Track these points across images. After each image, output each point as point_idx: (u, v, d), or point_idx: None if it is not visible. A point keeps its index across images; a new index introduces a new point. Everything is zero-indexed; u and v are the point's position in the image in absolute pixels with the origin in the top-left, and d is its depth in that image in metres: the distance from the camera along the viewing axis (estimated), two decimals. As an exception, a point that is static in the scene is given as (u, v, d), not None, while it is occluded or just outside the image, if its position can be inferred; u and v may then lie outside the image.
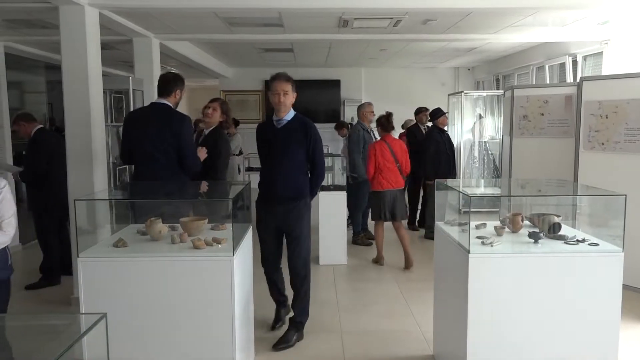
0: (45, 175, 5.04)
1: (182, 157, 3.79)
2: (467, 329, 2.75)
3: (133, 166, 4.10)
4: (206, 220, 3.18)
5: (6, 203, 2.67)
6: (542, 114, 5.85)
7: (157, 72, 6.36)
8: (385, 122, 5.62)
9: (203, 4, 4.64)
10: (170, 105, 3.87)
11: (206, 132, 4.45)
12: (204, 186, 3.98)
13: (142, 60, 6.17)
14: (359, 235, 6.69)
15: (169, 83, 3.86)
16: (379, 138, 5.80)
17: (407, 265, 5.61)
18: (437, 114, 6.89)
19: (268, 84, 3.80)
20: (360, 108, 6.56)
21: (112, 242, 2.91)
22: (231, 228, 2.86)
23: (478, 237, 2.98)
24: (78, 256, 2.69)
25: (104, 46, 4.78)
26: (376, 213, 5.64)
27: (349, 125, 8.08)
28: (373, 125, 6.27)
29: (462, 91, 8.97)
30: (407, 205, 7.47)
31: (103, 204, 3.40)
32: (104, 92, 4.98)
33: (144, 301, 2.67)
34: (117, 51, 7.46)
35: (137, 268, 2.68)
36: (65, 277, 5.16)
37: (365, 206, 6.61)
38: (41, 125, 5.23)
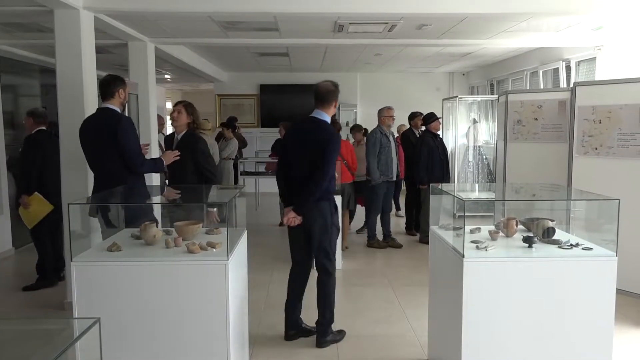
0: (38, 177, 5.02)
1: (124, 159, 3.71)
2: (461, 333, 2.75)
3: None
4: (201, 225, 3.17)
5: None
6: (536, 119, 5.89)
7: (152, 76, 6.35)
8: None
9: (199, 8, 4.64)
10: (114, 107, 3.82)
11: (178, 137, 4.31)
12: (171, 194, 3.92)
13: (137, 64, 6.16)
14: (373, 238, 6.72)
15: (109, 85, 3.83)
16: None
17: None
18: (430, 118, 6.92)
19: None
20: (380, 112, 6.52)
21: (106, 246, 2.89)
22: (226, 232, 2.85)
23: (472, 242, 2.99)
24: (72, 260, 2.68)
25: (99, 50, 4.77)
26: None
27: (365, 130, 7.91)
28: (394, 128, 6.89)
29: (457, 96, 9.01)
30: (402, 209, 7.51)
31: (97, 208, 3.39)
32: (99, 96, 4.96)
33: (138, 305, 2.66)
34: (112, 55, 7.45)
35: (132, 272, 2.67)
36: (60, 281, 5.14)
37: (380, 210, 6.65)
38: (44, 127, 5.21)
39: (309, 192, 3.53)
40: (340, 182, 6.38)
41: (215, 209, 3.85)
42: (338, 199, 4.42)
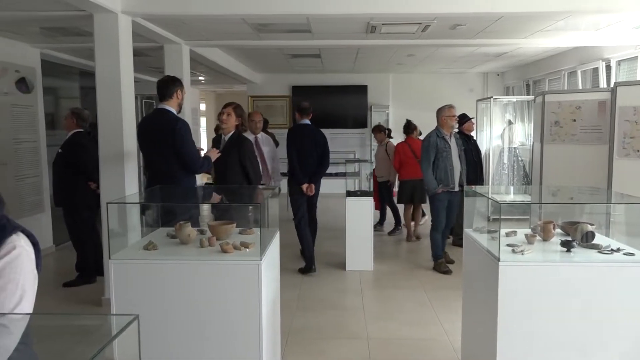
0: (73, 177, 5.16)
1: (183, 160, 3.85)
2: (496, 338, 2.70)
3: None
4: (234, 225, 3.20)
5: (6, 282, 1.41)
6: (575, 120, 5.74)
7: (187, 78, 6.46)
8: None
9: (233, 11, 4.69)
10: (170, 109, 3.91)
11: (225, 138, 4.41)
12: (216, 198, 3.99)
13: (173, 67, 6.27)
14: (438, 260, 5.79)
15: (167, 86, 3.92)
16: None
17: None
18: (463, 119, 6.82)
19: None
20: (439, 112, 5.69)
21: (142, 244, 2.95)
22: (259, 233, 2.87)
23: (508, 245, 2.93)
24: (110, 258, 2.74)
25: (136, 53, 4.87)
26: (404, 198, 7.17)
27: (387, 131, 7.94)
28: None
29: (491, 97, 8.85)
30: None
31: (134, 207, 3.46)
32: (136, 98, 5.08)
33: (172, 303, 2.70)
34: (148, 57, 7.61)
35: (167, 271, 2.72)
36: (100, 277, 5.28)
37: (444, 225, 5.75)
38: (81, 130, 5.35)
39: (322, 174, 5.69)
40: (400, 178, 7.20)
41: (222, 195, 3.97)
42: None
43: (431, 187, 5.57)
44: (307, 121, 5.84)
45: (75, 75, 7.95)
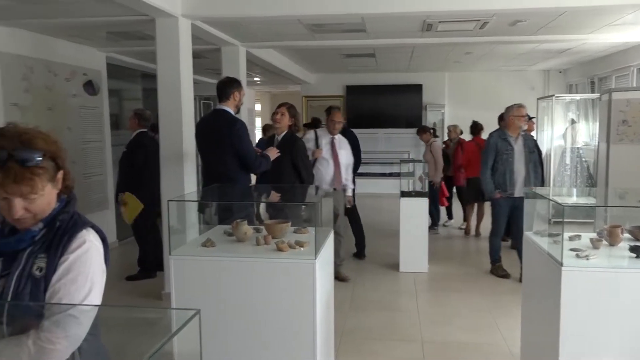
0: (138, 175, 5.36)
1: (242, 160, 3.92)
2: (559, 346, 2.59)
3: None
4: (289, 224, 3.23)
5: (77, 275, 1.49)
6: (644, 119, 5.43)
7: (243, 79, 6.58)
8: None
9: (289, 12, 4.75)
10: (228, 109, 3.98)
11: (278, 138, 4.47)
12: (273, 197, 4.05)
13: (230, 68, 6.40)
14: (496, 263, 5.58)
15: (225, 87, 3.99)
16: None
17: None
18: None
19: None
20: (508, 111, 5.30)
21: (200, 241, 3.03)
22: (314, 232, 2.89)
23: (572, 250, 2.81)
24: (170, 254, 2.83)
25: (195, 55, 5.02)
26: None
27: (432, 131, 7.90)
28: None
29: (553, 95, 8.51)
30: None
31: (193, 205, 3.56)
32: (194, 99, 5.22)
33: (229, 300, 2.76)
34: (206, 59, 7.80)
35: (224, 267, 2.78)
36: (160, 272, 5.46)
37: (502, 231, 5.50)
38: (145, 130, 5.57)
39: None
40: (466, 176, 7.46)
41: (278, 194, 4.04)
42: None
43: (487, 190, 5.31)
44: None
45: (138, 78, 8.28)
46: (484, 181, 5.34)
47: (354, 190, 5.81)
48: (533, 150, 5.37)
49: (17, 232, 1.52)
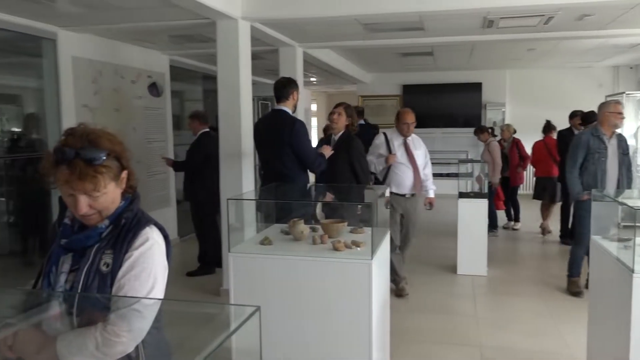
0: (200, 174, 5.52)
1: (301, 159, 3.95)
2: (629, 355, 2.46)
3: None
4: (346, 223, 3.23)
5: (140, 271, 1.54)
6: None
7: (300, 79, 6.64)
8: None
9: (346, 12, 4.74)
10: (286, 109, 4.01)
11: (335, 137, 4.46)
12: (328, 197, 4.05)
13: (287, 68, 6.48)
14: (572, 278, 5.02)
15: (284, 87, 4.02)
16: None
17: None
18: (591, 117, 6.27)
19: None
20: (603, 107, 4.80)
21: (258, 239, 3.09)
22: (370, 232, 2.88)
23: (644, 255, 2.66)
24: (229, 251, 2.89)
25: (253, 56, 5.11)
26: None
27: (490, 130, 7.70)
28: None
29: (624, 92, 8.09)
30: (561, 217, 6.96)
31: (251, 204, 3.63)
32: (253, 99, 5.31)
33: (286, 297, 2.79)
34: (264, 60, 7.93)
35: (281, 266, 2.81)
36: (218, 269, 5.60)
37: (587, 240, 4.51)
38: (208, 129, 5.73)
39: None
40: (535, 175, 7.66)
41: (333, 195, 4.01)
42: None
43: (574, 191, 4.77)
44: (362, 121, 5.91)
45: (199, 79, 8.52)
46: (570, 181, 4.81)
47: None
48: (627, 152, 4.92)
49: (86, 229, 1.59)
